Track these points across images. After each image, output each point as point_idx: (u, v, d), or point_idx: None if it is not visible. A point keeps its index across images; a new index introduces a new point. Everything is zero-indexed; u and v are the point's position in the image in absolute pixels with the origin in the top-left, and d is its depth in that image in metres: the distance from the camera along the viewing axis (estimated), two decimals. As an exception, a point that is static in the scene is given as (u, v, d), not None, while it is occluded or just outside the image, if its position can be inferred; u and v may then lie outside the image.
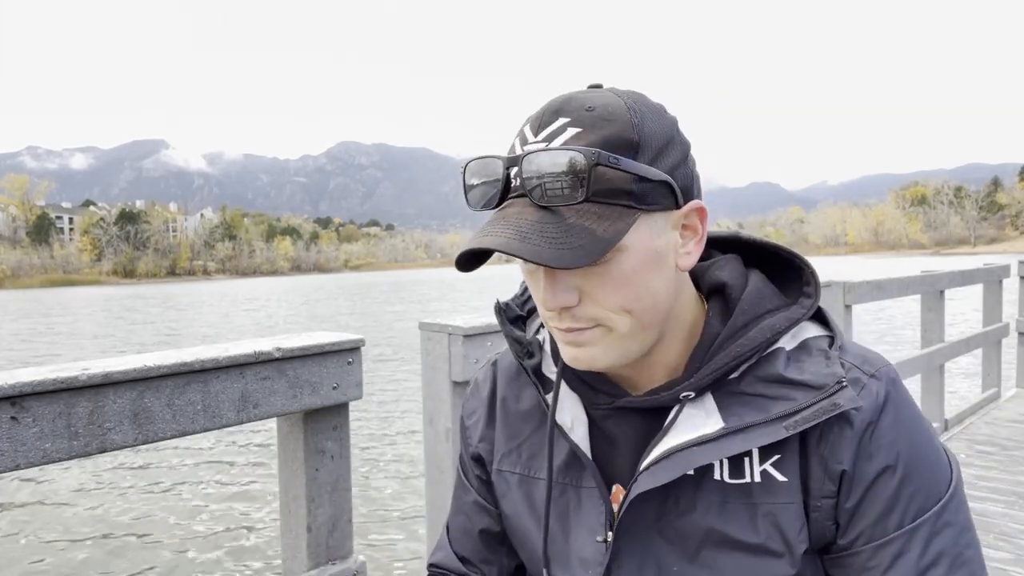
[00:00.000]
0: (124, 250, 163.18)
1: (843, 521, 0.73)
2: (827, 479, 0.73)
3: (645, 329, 0.73)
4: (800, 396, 0.72)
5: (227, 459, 8.56)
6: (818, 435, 0.73)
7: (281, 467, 1.66)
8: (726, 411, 0.74)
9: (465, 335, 1.83)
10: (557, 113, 0.69)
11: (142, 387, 1.29)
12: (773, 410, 0.72)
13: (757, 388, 0.74)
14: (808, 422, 0.70)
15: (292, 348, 1.51)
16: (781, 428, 0.71)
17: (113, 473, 8.12)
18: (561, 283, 0.70)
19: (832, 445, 0.72)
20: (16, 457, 1.15)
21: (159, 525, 6.47)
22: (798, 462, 0.73)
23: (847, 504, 0.73)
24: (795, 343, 0.77)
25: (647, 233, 0.69)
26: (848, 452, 0.72)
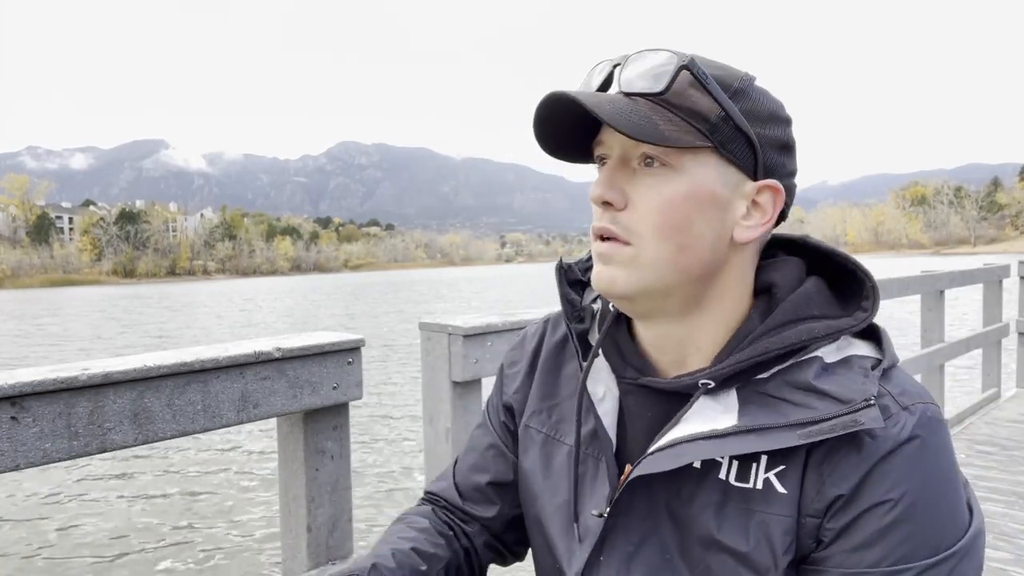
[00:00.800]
0: (124, 250, 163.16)
1: (825, 539, 0.69)
2: (818, 499, 0.69)
3: (673, 268, 0.72)
4: (822, 407, 0.69)
5: (227, 458, 8.56)
6: (825, 452, 0.69)
7: (281, 467, 1.66)
8: (745, 410, 0.72)
9: (465, 335, 1.83)
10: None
11: (142, 387, 1.29)
12: (791, 416, 0.69)
13: (783, 392, 0.72)
14: (823, 434, 0.67)
15: (292, 348, 1.51)
16: (794, 435, 0.68)
17: (112, 472, 8.12)
18: (613, 179, 0.73)
19: (835, 466, 0.68)
20: (16, 457, 1.15)
21: (158, 525, 6.47)
22: (800, 476, 0.70)
23: (831, 525, 0.68)
24: (838, 356, 0.73)
25: (712, 175, 0.71)
26: (850, 477, 0.68)
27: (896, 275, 4.46)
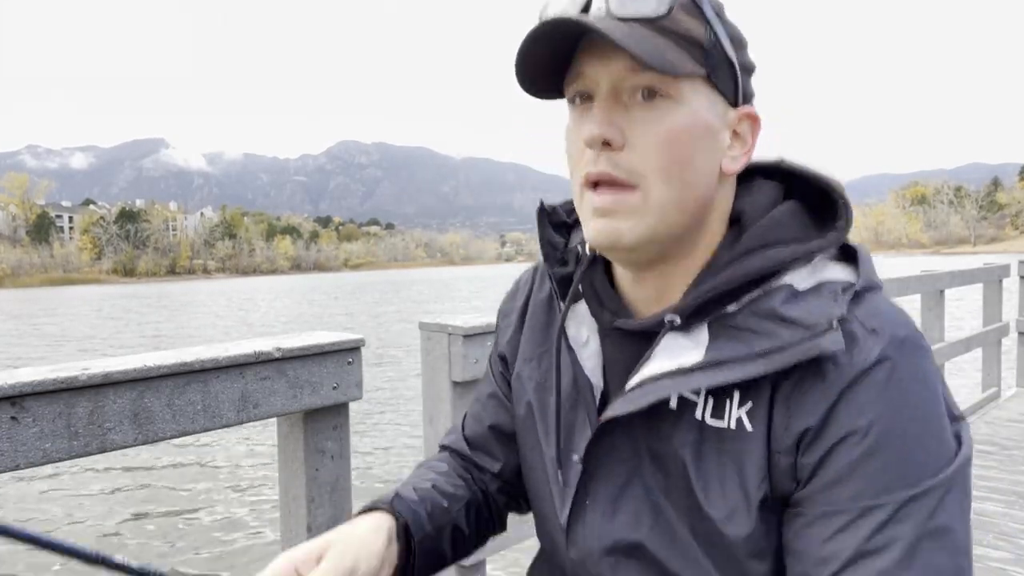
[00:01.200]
0: (124, 249, 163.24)
1: (802, 477, 0.66)
2: (787, 435, 0.66)
3: (678, 207, 0.69)
4: (787, 335, 0.66)
5: (227, 458, 8.56)
6: (792, 385, 0.66)
7: (281, 467, 1.66)
8: (714, 344, 0.69)
9: (465, 335, 1.83)
10: None
11: (142, 387, 1.29)
12: (756, 346, 0.67)
13: (750, 323, 0.68)
14: (784, 362, 0.65)
15: (292, 348, 1.51)
16: (759, 365, 0.66)
17: (111, 470, 8.12)
18: (610, 115, 0.68)
19: (801, 398, 0.66)
20: (16, 457, 1.15)
21: (158, 524, 6.47)
22: (767, 412, 0.67)
23: (804, 460, 0.65)
24: (811, 282, 0.69)
25: (705, 104, 0.69)
26: (817, 409, 0.65)
27: (896, 275, 4.46)
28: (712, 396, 0.69)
